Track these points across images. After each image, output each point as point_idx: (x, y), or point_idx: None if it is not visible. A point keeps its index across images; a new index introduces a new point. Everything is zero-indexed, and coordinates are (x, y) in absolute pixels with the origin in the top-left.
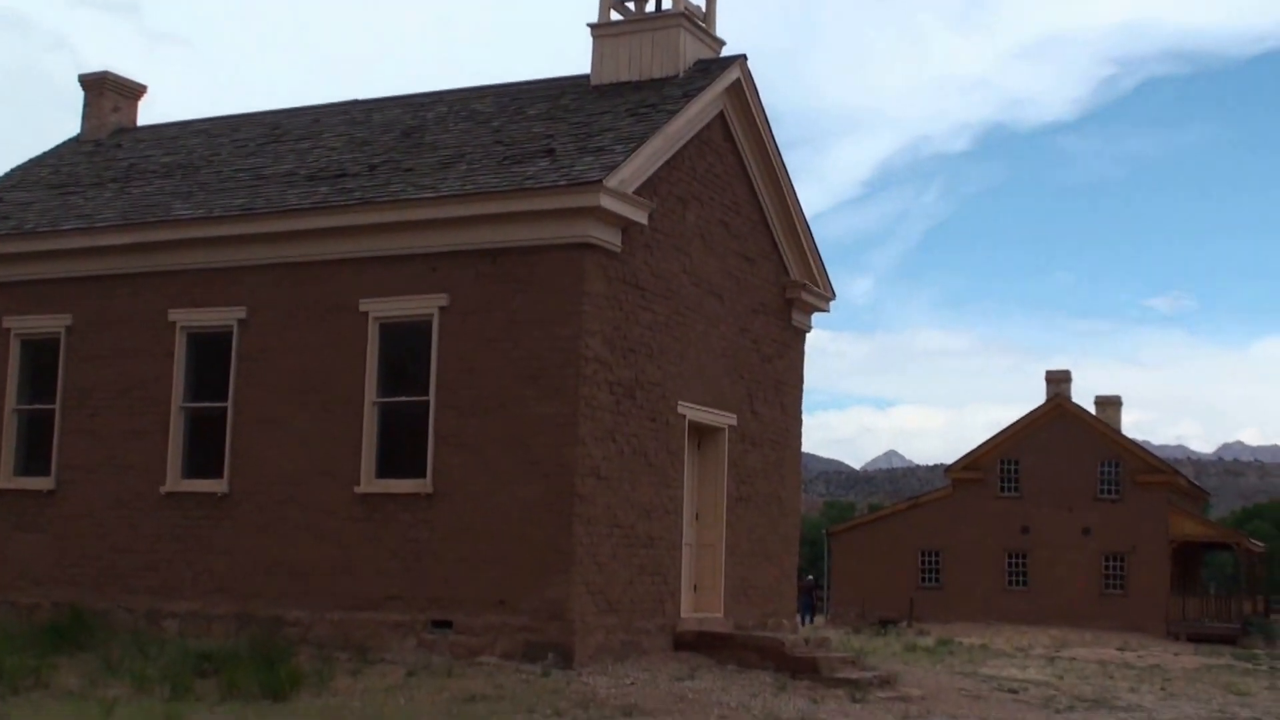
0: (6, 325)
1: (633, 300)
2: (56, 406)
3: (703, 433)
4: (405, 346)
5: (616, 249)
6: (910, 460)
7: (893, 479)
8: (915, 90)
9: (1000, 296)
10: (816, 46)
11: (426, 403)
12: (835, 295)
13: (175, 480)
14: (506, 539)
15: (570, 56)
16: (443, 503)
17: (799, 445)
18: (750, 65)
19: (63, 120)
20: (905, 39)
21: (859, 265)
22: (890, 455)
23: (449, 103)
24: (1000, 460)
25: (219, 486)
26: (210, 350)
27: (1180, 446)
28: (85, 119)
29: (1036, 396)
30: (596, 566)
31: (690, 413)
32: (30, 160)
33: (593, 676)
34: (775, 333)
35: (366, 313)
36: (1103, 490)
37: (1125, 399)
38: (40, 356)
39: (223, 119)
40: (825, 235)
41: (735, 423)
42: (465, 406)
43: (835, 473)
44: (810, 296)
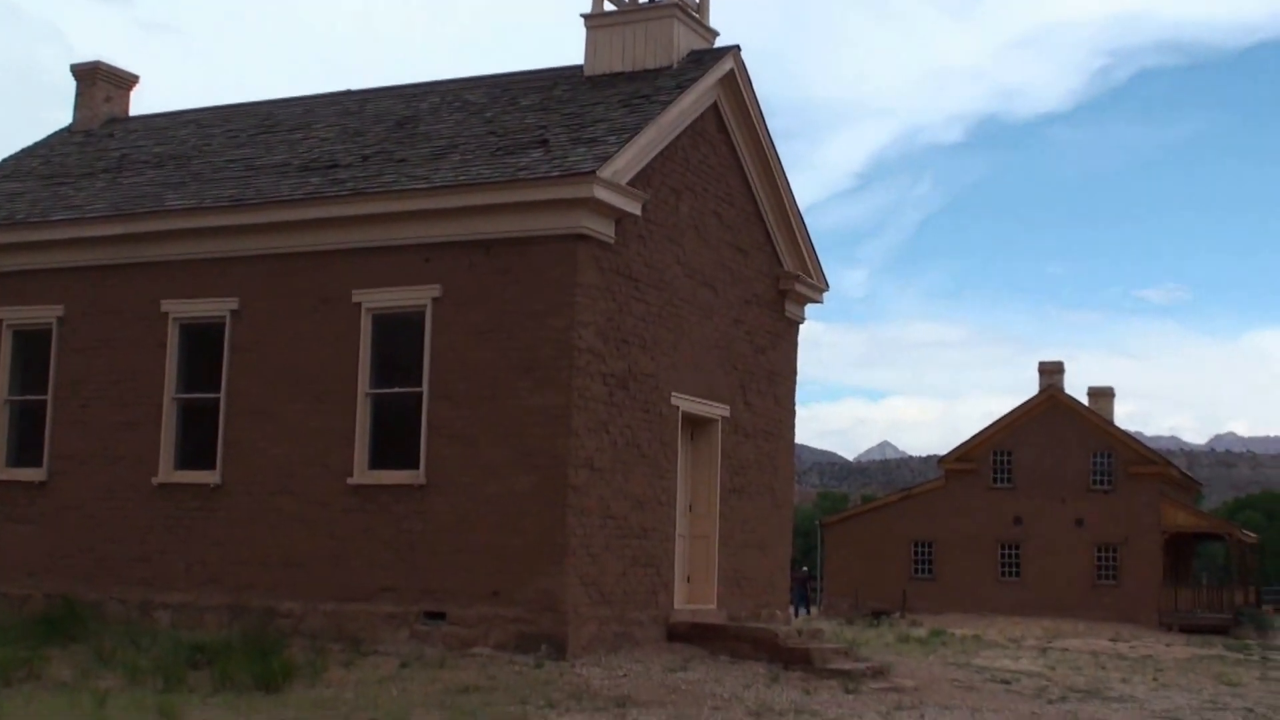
0: None
1: (626, 291)
2: (48, 397)
3: (696, 424)
4: (398, 337)
5: (610, 240)
6: (903, 451)
7: (886, 470)
8: (909, 81)
9: (993, 288)
10: (810, 37)
11: (419, 394)
12: (828, 286)
13: (168, 471)
14: (500, 530)
15: (564, 47)
16: (436, 494)
17: (792, 436)
18: (744, 56)
19: (54, 110)
20: (899, 30)
21: (852, 256)
22: (883, 446)
23: (442, 93)
24: (993, 451)
25: (211, 478)
26: (202, 341)
27: (1173, 437)
28: (77, 109)
29: (1029, 388)
30: (590, 558)
31: (683, 404)
32: (21, 150)
33: (586, 668)
34: (768, 324)
35: (359, 304)
36: (1095, 481)
37: (1118, 390)
38: (32, 347)
39: (215, 109)
40: (819, 226)
41: (728, 414)
42: (458, 397)
43: (828, 464)
44: (803, 288)
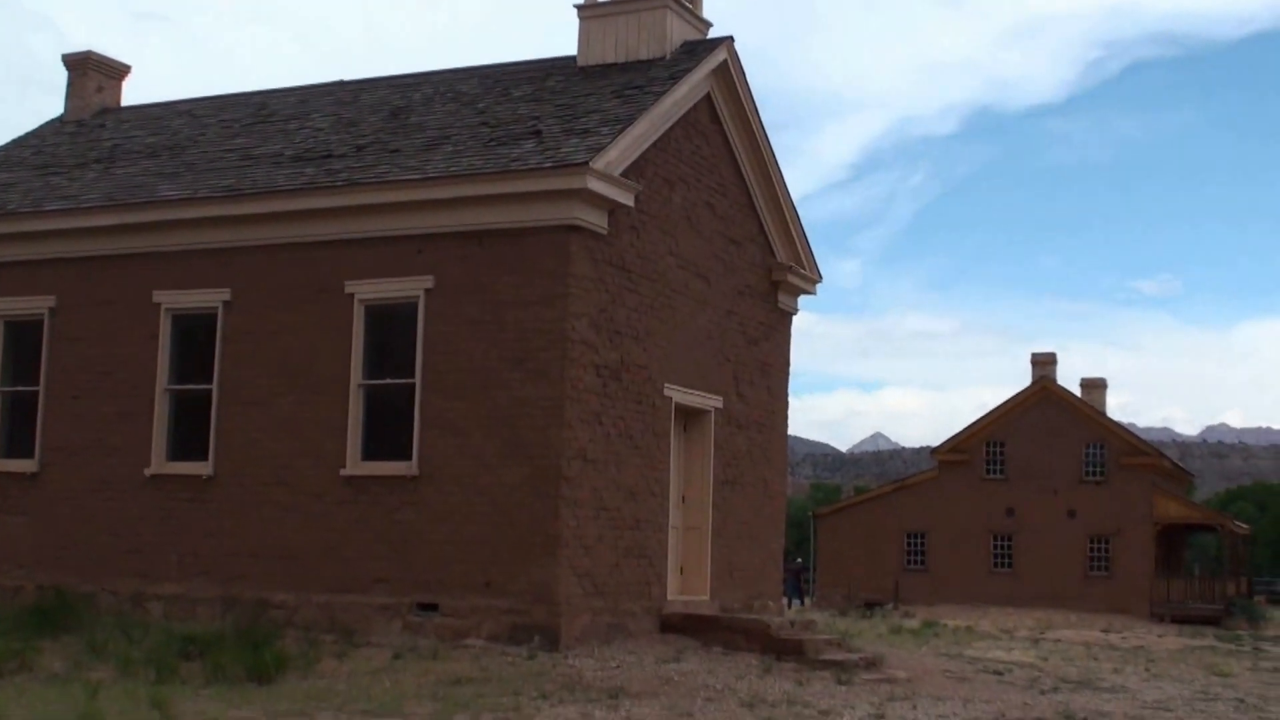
0: None
1: (619, 283)
2: (40, 388)
3: (689, 415)
4: (391, 328)
5: (603, 231)
6: (896, 443)
7: (879, 461)
8: (902, 72)
9: (987, 279)
10: (804, 28)
11: (412, 385)
12: (822, 278)
13: (160, 462)
14: (492, 521)
15: (557, 38)
16: (428, 485)
17: (785, 428)
18: (737, 47)
19: (46, 101)
20: (892, 21)
21: (846, 248)
22: (877, 438)
23: (435, 84)
24: (986, 443)
25: (204, 469)
26: (195, 332)
27: (1165, 429)
28: (69, 99)
29: (1022, 379)
30: (583, 549)
31: (676, 395)
32: (13, 141)
33: (579, 659)
34: (762, 315)
35: (352, 294)
36: (1088, 473)
37: (1111, 381)
38: (24, 338)
39: (208, 99)
40: (812, 218)
41: (721, 405)
42: (451, 389)
43: (822, 455)
44: (797, 279)
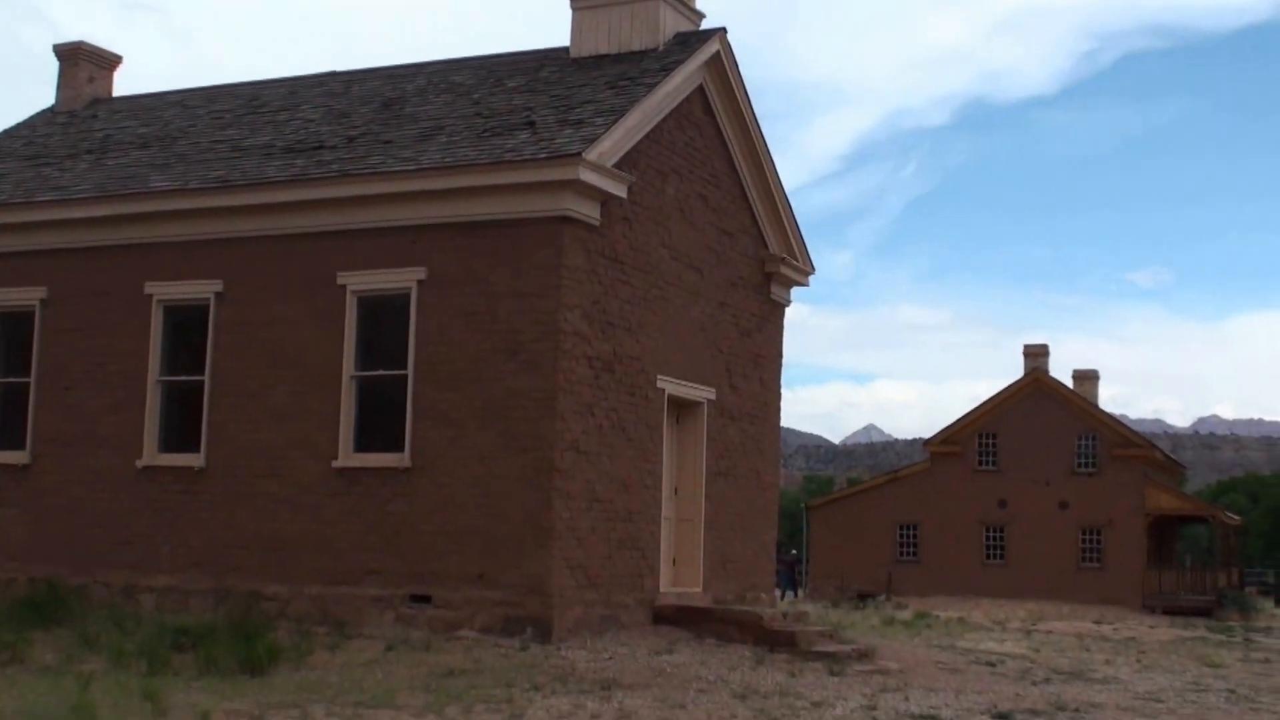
0: None
1: (611, 274)
2: (32, 380)
3: (681, 407)
4: (383, 320)
5: (595, 222)
6: (889, 434)
7: (872, 453)
8: (895, 64)
9: (979, 271)
10: (797, 19)
11: (405, 377)
12: (814, 269)
13: (152, 454)
14: (485, 513)
15: (549, 29)
16: (421, 477)
17: (778, 419)
18: (730, 38)
19: (37, 91)
20: (885, 13)
21: (838, 239)
22: (869, 429)
23: (428, 75)
24: (978, 434)
25: (196, 461)
26: (187, 323)
27: (1157, 420)
28: (60, 89)
29: (1014, 371)
30: (575, 541)
31: (669, 387)
32: (3, 131)
33: (571, 651)
34: (754, 307)
35: (344, 286)
36: (1080, 464)
37: (1103, 373)
38: (15, 329)
39: (199, 90)
40: (805, 209)
41: (714, 397)
42: (443, 380)
43: (814, 447)
44: (789, 270)
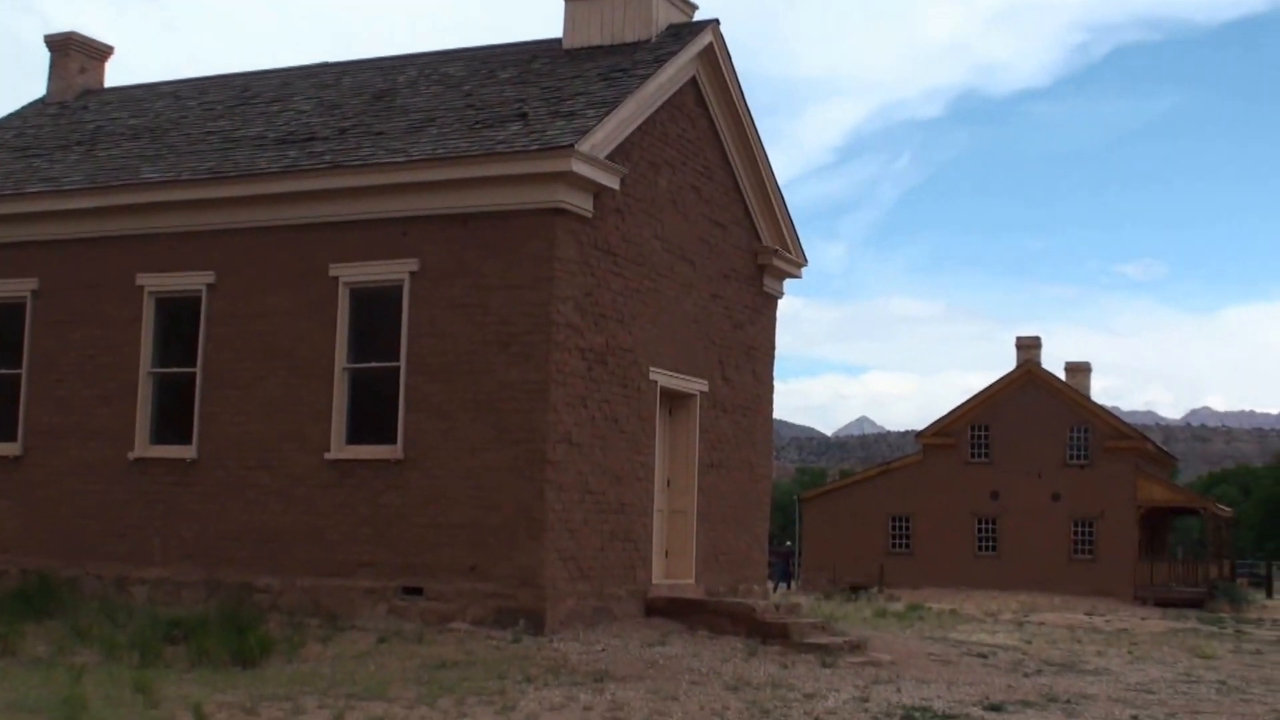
0: None
1: (604, 266)
2: (23, 372)
3: (674, 399)
4: (375, 312)
5: (588, 214)
6: (882, 426)
7: (864, 445)
8: (888, 56)
9: (972, 263)
10: (790, 11)
11: (397, 368)
12: (807, 261)
13: (144, 446)
14: (478, 505)
15: (542, 20)
16: (413, 469)
17: (770, 411)
18: (723, 30)
19: (28, 82)
20: (878, 4)
21: (831, 231)
22: (862, 421)
23: (420, 66)
24: (971, 426)
25: (188, 453)
26: (178, 315)
27: (1149, 412)
28: (51, 80)
29: (1007, 363)
30: (568, 533)
31: (662, 379)
32: None
33: (564, 643)
34: (747, 299)
35: (337, 278)
36: (1072, 456)
37: (1095, 365)
38: (6, 321)
39: (191, 81)
40: (797, 201)
41: (707, 389)
42: (436, 372)
43: (807, 439)
44: (782, 262)
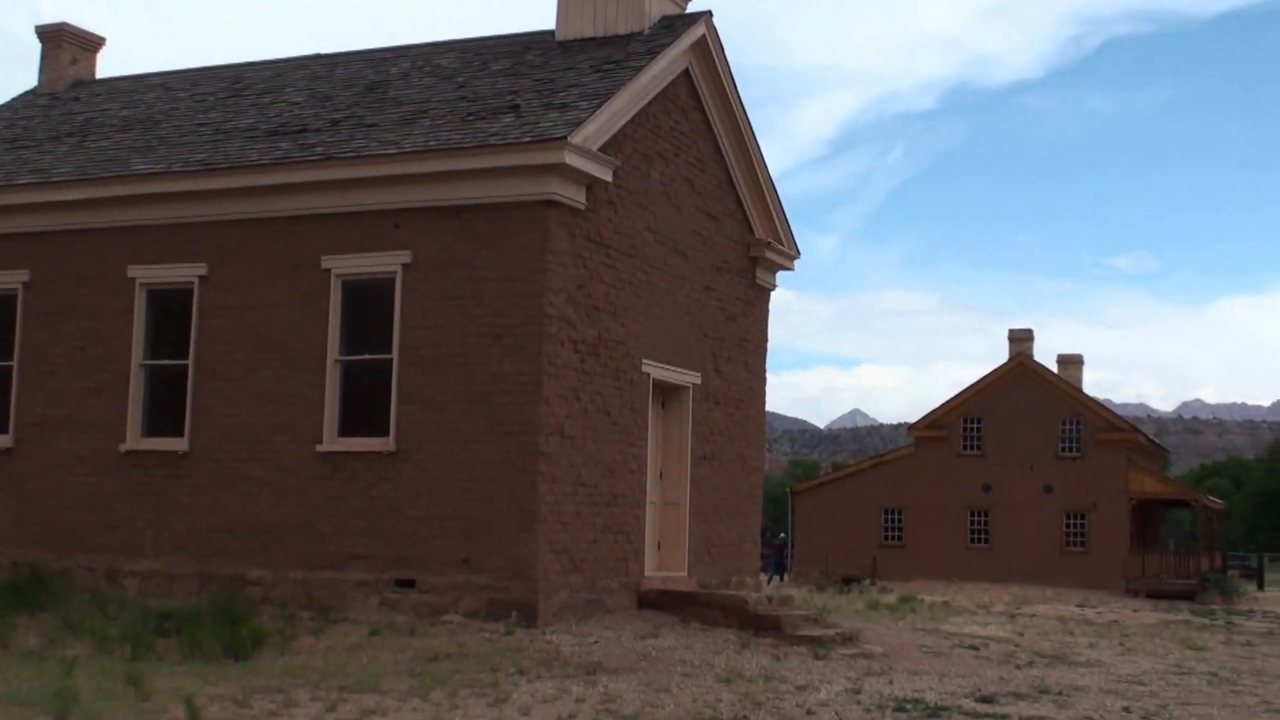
0: None
1: (597, 258)
2: (14, 364)
3: (667, 391)
4: (368, 304)
5: (581, 206)
6: (874, 419)
7: (857, 437)
8: (881, 49)
9: (964, 255)
10: (783, 3)
11: (389, 360)
12: (800, 254)
13: (135, 438)
14: (470, 497)
15: (535, 12)
16: (406, 461)
17: (763, 404)
18: (716, 21)
19: (19, 73)
20: None
21: (824, 224)
22: (854, 414)
23: (413, 58)
24: (963, 419)
25: (179, 445)
26: (170, 307)
27: (1141, 405)
28: (42, 71)
29: (999, 355)
30: (560, 525)
31: (654, 371)
32: None
33: (556, 635)
34: (740, 291)
35: (329, 270)
36: (1064, 448)
37: (1087, 358)
38: None
39: (182, 72)
40: (790, 194)
41: (699, 381)
42: (428, 364)
43: (800, 431)
44: (775, 255)
